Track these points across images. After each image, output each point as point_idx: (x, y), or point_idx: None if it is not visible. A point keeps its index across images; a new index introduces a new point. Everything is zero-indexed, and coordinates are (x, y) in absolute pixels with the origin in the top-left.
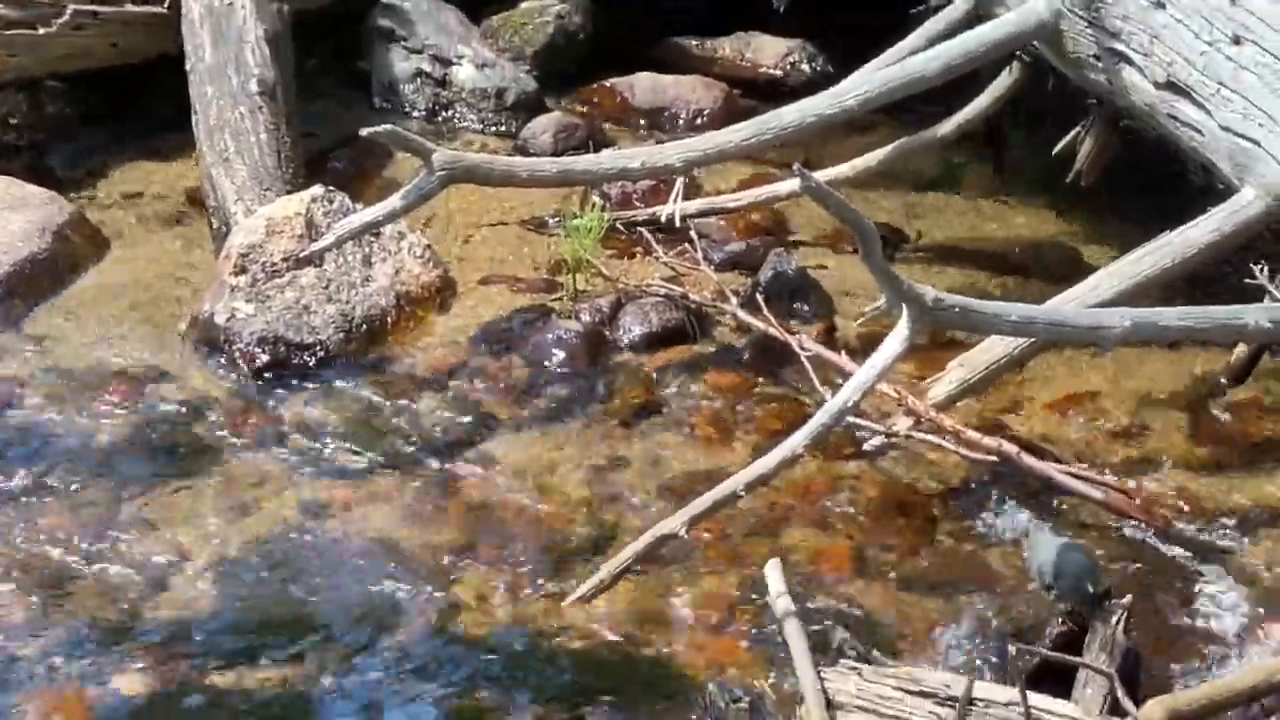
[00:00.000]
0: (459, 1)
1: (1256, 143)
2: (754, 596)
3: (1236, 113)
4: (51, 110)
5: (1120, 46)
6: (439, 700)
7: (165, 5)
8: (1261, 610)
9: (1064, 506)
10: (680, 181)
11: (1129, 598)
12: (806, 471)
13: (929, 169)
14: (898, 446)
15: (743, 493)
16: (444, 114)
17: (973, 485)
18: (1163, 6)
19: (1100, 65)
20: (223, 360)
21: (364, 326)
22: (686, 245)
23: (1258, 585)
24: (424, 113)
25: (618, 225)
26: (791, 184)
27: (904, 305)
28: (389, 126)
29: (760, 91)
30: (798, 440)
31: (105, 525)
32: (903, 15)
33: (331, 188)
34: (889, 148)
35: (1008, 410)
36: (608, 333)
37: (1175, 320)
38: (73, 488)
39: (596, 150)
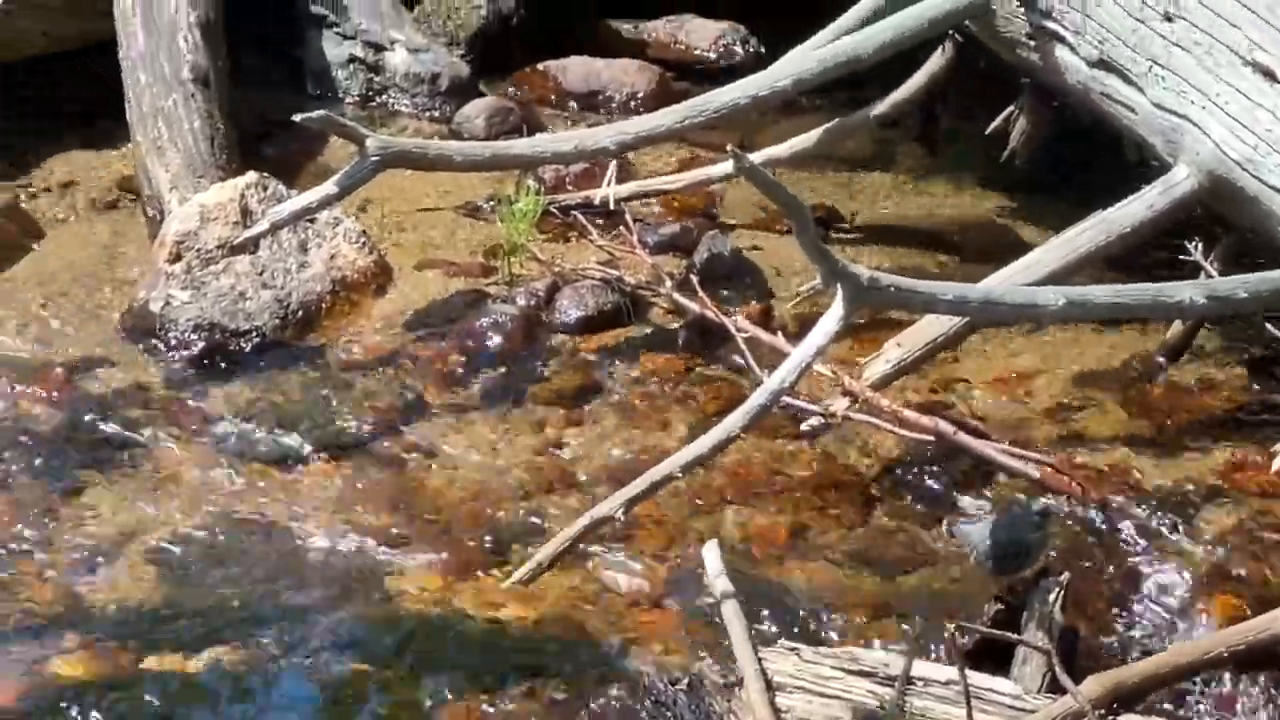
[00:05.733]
0: None
1: (1189, 120)
2: (692, 578)
3: (1169, 90)
4: None
5: (1052, 25)
6: (379, 684)
7: None
8: (1198, 586)
9: (1001, 485)
10: (613, 164)
11: (1066, 575)
12: (744, 453)
13: (863, 149)
14: (835, 427)
15: (679, 475)
16: (378, 99)
17: (910, 464)
18: None
19: (1033, 44)
20: (159, 348)
21: (300, 312)
22: (621, 228)
23: (1194, 561)
24: (357, 98)
25: (552, 209)
26: (725, 166)
27: (839, 285)
28: (322, 112)
29: (694, 74)
30: (734, 421)
31: (42, 514)
32: None
33: (266, 174)
34: (823, 128)
35: (945, 389)
36: (544, 316)
37: (1109, 297)
38: (8, 478)
39: (530, 134)
